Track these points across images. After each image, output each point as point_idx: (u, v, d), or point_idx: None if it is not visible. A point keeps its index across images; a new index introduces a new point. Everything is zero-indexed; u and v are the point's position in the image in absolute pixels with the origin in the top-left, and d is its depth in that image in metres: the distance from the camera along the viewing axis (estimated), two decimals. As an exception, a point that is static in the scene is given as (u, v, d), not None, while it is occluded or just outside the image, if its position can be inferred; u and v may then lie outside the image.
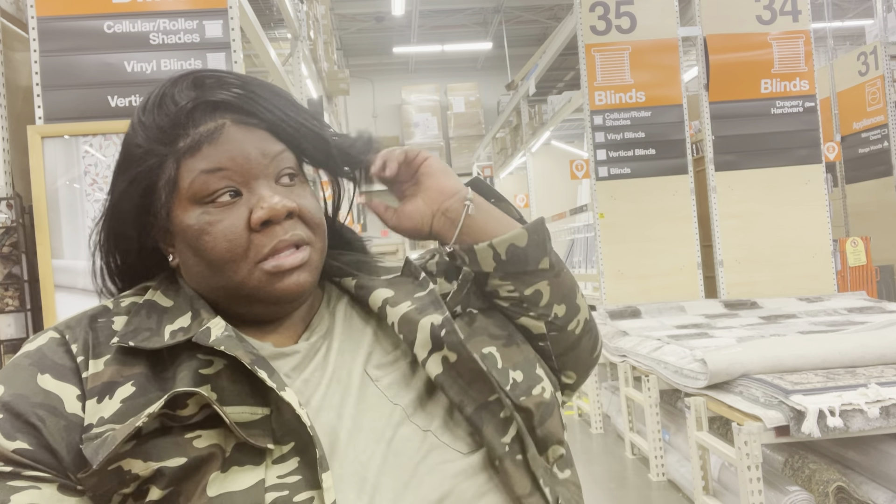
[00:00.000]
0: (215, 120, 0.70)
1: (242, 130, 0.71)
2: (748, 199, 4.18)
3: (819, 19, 6.87)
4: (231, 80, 0.73)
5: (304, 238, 0.71)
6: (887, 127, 5.35)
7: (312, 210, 0.73)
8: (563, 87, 8.93)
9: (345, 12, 10.07)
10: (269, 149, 0.71)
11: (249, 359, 0.64)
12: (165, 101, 0.71)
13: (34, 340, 0.69)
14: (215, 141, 0.69)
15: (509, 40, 10.61)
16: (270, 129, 0.72)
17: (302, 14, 4.36)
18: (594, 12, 4.14)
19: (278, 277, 0.69)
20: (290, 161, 0.73)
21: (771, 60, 4.20)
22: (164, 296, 0.73)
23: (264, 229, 0.69)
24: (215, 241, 0.68)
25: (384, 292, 0.76)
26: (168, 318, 0.70)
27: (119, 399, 0.64)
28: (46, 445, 0.61)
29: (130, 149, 0.72)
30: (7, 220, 2.12)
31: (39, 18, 2.24)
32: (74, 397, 0.64)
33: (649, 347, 2.99)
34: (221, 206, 0.69)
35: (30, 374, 0.65)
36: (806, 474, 2.16)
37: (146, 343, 0.67)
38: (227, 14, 2.30)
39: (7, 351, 2.09)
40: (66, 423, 0.62)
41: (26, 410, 0.62)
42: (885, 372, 2.25)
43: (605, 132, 4.15)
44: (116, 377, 0.65)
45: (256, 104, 0.72)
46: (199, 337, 0.66)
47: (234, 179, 0.69)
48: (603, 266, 4.14)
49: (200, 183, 0.68)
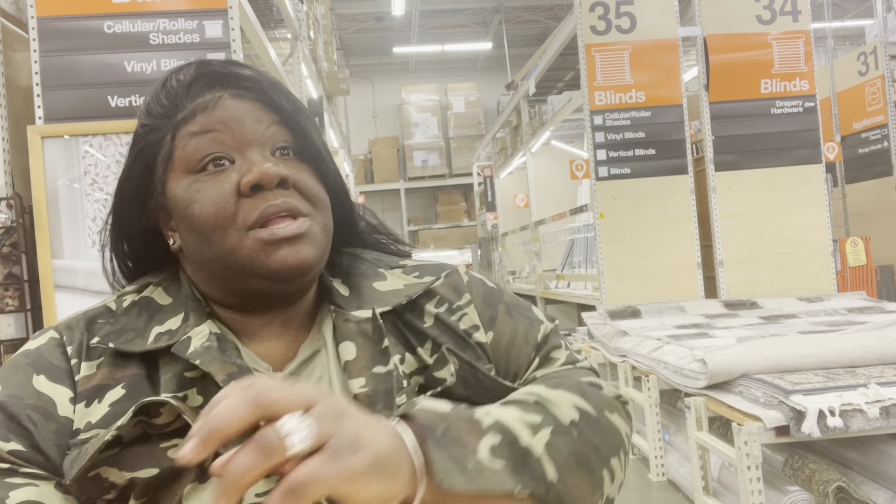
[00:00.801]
0: (213, 93, 0.69)
1: (239, 101, 0.69)
2: (748, 199, 4.17)
3: (819, 19, 6.87)
4: (234, 62, 0.72)
5: (300, 208, 0.67)
6: (887, 127, 5.34)
7: (309, 182, 0.69)
8: (563, 87, 8.93)
9: (345, 12, 10.07)
10: (264, 118, 0.69)
11: (224, 374, 0.62)
12: (169, 81, 0.71)
13: (34, 340, 0.69)
14: (210, 109, 0.68)
15: (509, 40, 10.61)
16: (268, 104, 0.70)
17: (302, 14, 4.36)
18: (594, 12, 4.14)
19: (274, 247, 0.65)
20: (286, 136, 0.70)
21: (771, 60, 4.20)
22: (164, 292, 0.72)
23: (254, 194, 0.65)
24: (202, 207, 0.66)
25: (348, 349, 0.68)
26: (159, 319, 0.69)
27: (108, 403, 0.63)
28: (38, 448, 0.61)
29: (136, 130, 0.72)
30: (7, 220, 2.12)
31: (39, 18, 2.24)
32: (67, 400, 0.64)
33: (649, 347, 2.99)
34: (211, 174, 0.67)
35: (26, 375, 0.65)
36: (806, 474, 2.16)
37: (127, 346, 0.65)
38: (227, 14, 2.30)
39: (7, 351, 2.09)
40: (58, 427, 0.62)
41: (19, 412, 0.62)
42: (885, 372, 2.25)
43: (605, 132, 4.15)
44: (107, 380, 0.64)
45: (257, 82, 0.70)
46: (177, 347, 0.64)
47: (225, 143, 0.67)
48: (603, 266, 4.14)
49: (192, 148, 0.67)
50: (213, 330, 0.67)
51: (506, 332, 0.76)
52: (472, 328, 0.74)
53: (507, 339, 0.76)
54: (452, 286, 0.76)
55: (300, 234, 0.65)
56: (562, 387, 0.67)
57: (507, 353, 0.75)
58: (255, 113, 0.69)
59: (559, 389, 0.67)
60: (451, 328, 0.73)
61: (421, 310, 0.73)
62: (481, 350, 0.73)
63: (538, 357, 0.77)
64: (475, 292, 0.78)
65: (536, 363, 0.77)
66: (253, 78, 0.71)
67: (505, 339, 0.76)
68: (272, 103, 0.70)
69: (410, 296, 0.72)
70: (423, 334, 0.72)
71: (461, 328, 0.73)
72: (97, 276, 2.17)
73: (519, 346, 0.76)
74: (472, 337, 0.73)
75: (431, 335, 0.71)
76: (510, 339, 0.76)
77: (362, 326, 0.69)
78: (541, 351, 0.77)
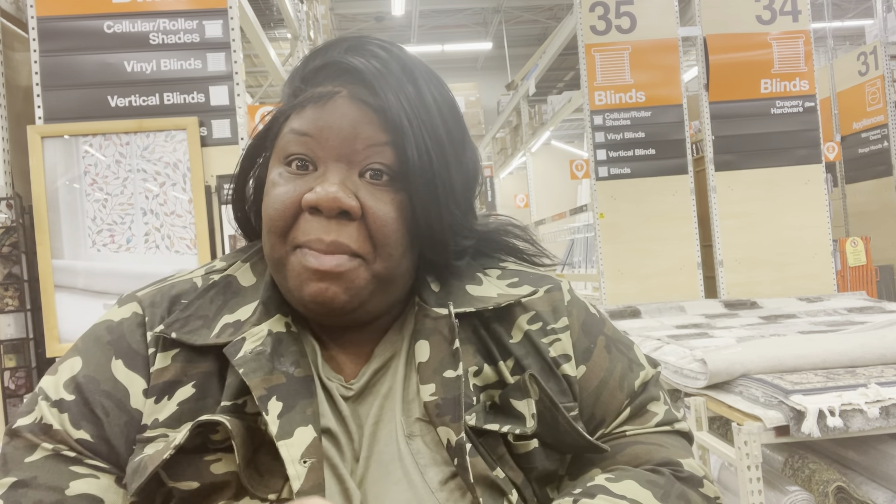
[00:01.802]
0: (334, 85, 0.63)
1: (353, 105, 0.62)
2: (748, 199, 4.17)
3: (819, 19, 6.87)
4: (379, 53, 0.64)
5: (352, 248, 0.60)
6: (887, 127, 5.34)
7: (383, 220, 0.61)
8: (563, 87, 8.93)
9: (345, 12, 10.07)
10: (367, 133, 0.61)
11: (264, 389, 0.58)
12: (312, 56, 0.66)
13: (118, 309, 0.67)
14: (321, 105, 0.62)
15: (509, 40, 10.61)
16: (384, 114, 0.61)
17: (302, 14, 4.35)
18: (594, 12, 4.14)
19: (307, 275, 0.60)
20: (387, 157, 0.62)
21: (771, 60, 4.20)
22: (250, 271, 0.68)
23: (314, 216, 0.60)
24: (270, 203, 0.62)
25: (422, 350, 0.64)
26: (233, 305, 0.65)
27: (177, 401, 0.61)
28: (106, 440, 0.61)
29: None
30: (7, 220, 2.12)
31: (39, 18, 2.24)
32: (141, 391, 0.62)
33: (649, 347, 2.99)
34: (293, 173, 0.62)
35: (105, 356, 0.63)
36: (806, 474, 2.16)
37: (189, 337, 0.62)
38: (227, 14, 2.30)
39: (7, 351, 2.09)
40: (128, 419, 0.61)
41: (94, 398, 0.61)
42: (885, 372, 2.25)
43: (604, 132, 4.15)
44: (180, 375, 0.62)
45: (384, 80, 0.62)
46: (229, 349, 0.61)
47: (312, 150, 0.62)
48: (603, 266, 4.14)
49: (286, 141, 0.63)
50: (277, 329, 0.63)
51: (600, 371, 0.69)
52: (563, 357, 0.67)
53: (601, 378, 0.69)
54: (552, 304, 0.69)
55: (332, 273, 0.60)
56: (669, 500, 0.61)
57: (597, 395, 0.68)
58: (362, 126, 0.61)
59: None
60: (539, 351, 0.66)
61: (511, 322, 0.67)
62: (567, 384, 0.67)
63: (631, 407, 0.70)
64: (575, 317, 0.70)
65: (628, 413, 0.70)
66: (384, 78, 0.62)
67: (597, 378, 0.69)
68: (389, 114, 0.61)
69: (500, 304, 0.66)
70: (508, 350, 0.66)
71: (550, 355, 0.67)
72: (97, 276, 2.17)
73: (612, 390, 0.69)
74: (559, 367, 0.67)
75: (517, 354, 0.65)
76: (603, 379, 0.69)
77: (438, 324, 0.64)
78: (635, 400, 0.70)
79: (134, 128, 2.21)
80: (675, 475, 0.65)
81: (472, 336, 0.65)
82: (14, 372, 2.09)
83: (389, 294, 0.64)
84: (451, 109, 0.66)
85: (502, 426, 0.62)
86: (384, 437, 0.62)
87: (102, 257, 2.18)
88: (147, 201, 2.20)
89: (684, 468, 0.66)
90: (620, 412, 0.70)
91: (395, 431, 0.62)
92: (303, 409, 0.58)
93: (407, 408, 0.63)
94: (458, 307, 0.65)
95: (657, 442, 0.69)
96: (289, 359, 0.61)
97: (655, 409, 0.71)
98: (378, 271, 0.61)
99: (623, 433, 0.69)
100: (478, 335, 0.66)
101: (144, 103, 2.26)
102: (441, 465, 0.61)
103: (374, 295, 0.63)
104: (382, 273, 0.62)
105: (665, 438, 0.70)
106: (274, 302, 0.65)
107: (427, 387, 0.62)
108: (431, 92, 0.64)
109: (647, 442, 0.68)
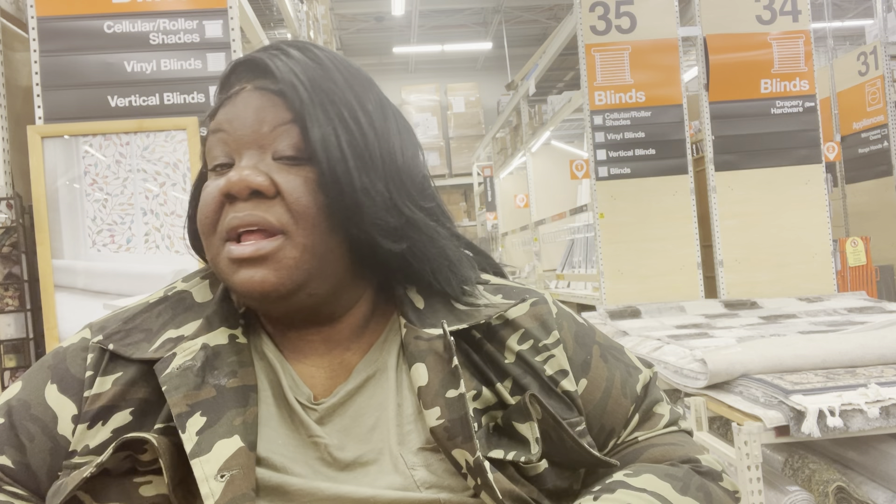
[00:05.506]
0: (241, 84, 0.64)
1: (256, 94, 0.62)
2: (748, 199, 4.18)
3: (819, 19, 6.87)
4: (283, 48, 0.64)
5: (272, 223, 0.59)
6: (887, 127, 5.34)
7: (297, 193, 0.59)
8: (563, 87, 8.93)
9: (345, 12, 10.06)
10: (269, 116, 0.61)
11: (185, 405, 0.56)
12: (227, 68, 0.67)
13: (73, 336, 0.66)
14: (230, 102, 0.63)
15: (509, 40, 10.61)
16: (285, 96, 0.61)
17: (302, 14, 4.35)
18: (594, 12, 4.14)
19: (236, 266, 0.59)
20: (294, 136, 0.61)
21: (771, 60, 4.20)
22: (208, 288, 0.67)
23: (233, 204, 0.60)
24: (200, 209, 0.62)
25: (419, 373, 0.61)
26: (181, 321, 0.63)
27: (111, 427, 0.59)
28: (28, 466, 0.60)
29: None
30: (7, 220, 2.12)
31: (39, 18, 2.24)
32: (70, 417, 0.60)
33: (649, 347, 2.99)
34: (216, 175, 0.63)
35: (42, 380, 0.62)
36: (806, 474, 2.16)
37: (126, 350, 0.61)
38: (227, 14, 2.30)
39: (7, 351, 2.09)
40: (53, 446, 0.60)
41: (21, 424, 0.60)
42: (885, 372, 2.25)
43: (604, 132, 4.15)
44: (118, 401, 0.59)
45: (285, 66, 0.62)
46: (159, 365, 0.59)
47: (228, 145, 0.62)
48: (603, 266, 4.14)
49: (208, 147, 0.64)
50: (217, 342, 0.61)
51: (601, 381, 0.67)
52: (560, 374, 0.65)
53: (603, 389, 0.67)
54: (539, 319, 0.67)
55: (257, 257, 0.58)
56: (689, 492, 0.60)
57: (603, 406, 0.67)
58: (265, 111, 0.61)
59: (687, 497, 0.60)
60: (535, 371, 0.64)
61: (502, 343, 0.65)
62: (569, 399, 0.64)
63: (639, 412, 0.69)
64: (566, 330, 0.68)
65: (637, 419, 0.69)
66: (285, 64, 0.62)
67: (600, 389, 0.67)
68: (289, 92, 0.61)
69: (490, 316, 0.64)
70: (504, 371, 0.63)
71: (547, 373, 0.64)
72: (97, 276, 2.17)
73: (616, 398, 0.67)
74: (558, 385, 0.64)
75: (513, 374, 0.63)
76: (606, 389, 0.67)
77: (433, 344, 0.61)
78: (641, 405, 0.69)
79: (134, 128, 2.21)
80: (694, 470, 0.65)
81: (465, 361, 0.63)
82: (14, 372, 2.09)
83: (327, 275, 0.61)
84: (363, 87, 0.65)
85: (507, 453, 0.59)
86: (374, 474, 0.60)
87: (102, 257, 2.18)
88: (147, 201, 2.20)
89: (703, 463, 0.66)
90: (629, 419, 0.69)
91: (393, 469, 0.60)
92: (229, 420, 0.56)
93: (404, 439, 0.61)
94: (449, 325, 0.63)
95: (671, 442, 0.68)
96: (224, 370, 0.59)
97: (661, 410, 0.71)
98: (303, 244, 0.59)
99: (635, 439, 0.69)
100: (470, 360, 0.64)
101: (144, 103, 2.26)
102: (451, 492, 0.59)
103: (310, 275, 0.60)
104: (308, 245, 0.59)
105: (676, 437, 0.70)
106: (220, 315, 0.63)
107: (432, 411, 0.59)
108: (341, 72, 0.64)
109: (661, 444, 0.68)
